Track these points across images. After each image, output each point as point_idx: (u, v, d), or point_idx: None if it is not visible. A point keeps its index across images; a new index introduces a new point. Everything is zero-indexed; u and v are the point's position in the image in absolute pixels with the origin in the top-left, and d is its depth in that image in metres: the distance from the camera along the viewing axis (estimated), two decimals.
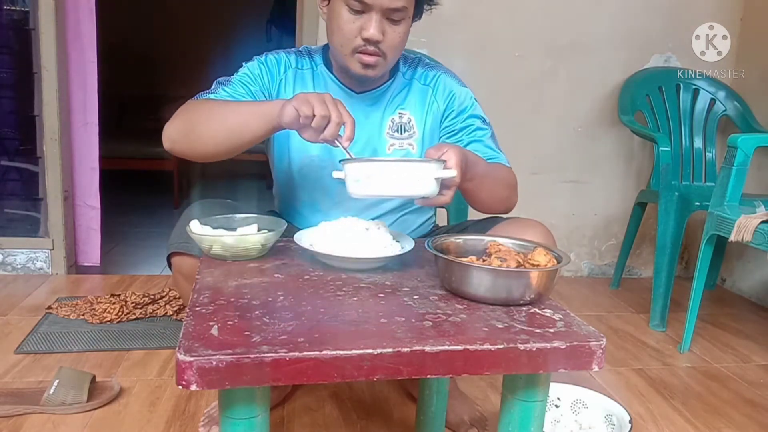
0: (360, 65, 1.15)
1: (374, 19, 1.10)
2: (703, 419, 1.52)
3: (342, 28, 1.13)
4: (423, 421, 1.22)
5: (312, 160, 1.26)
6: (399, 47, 1.17)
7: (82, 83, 2.33)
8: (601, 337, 0.74)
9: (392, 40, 1.14)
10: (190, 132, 1.10)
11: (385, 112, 1.27)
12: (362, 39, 1.12)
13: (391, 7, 1.10)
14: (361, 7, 1.10)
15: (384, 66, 1.18)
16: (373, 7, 1.09)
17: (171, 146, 1.13)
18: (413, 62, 1.32)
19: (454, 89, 1.30)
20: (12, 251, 2.28)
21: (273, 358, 0.64)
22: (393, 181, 0.92)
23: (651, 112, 2.41)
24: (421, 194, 0.94)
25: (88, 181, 2.40)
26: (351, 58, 1.15)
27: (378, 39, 1.11)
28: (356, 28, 1.12)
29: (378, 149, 1.26)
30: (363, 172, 0.93)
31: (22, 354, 1.63)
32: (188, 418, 1.37)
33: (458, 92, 1.30)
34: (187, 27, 5.05)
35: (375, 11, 1.10)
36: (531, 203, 2.39)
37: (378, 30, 1.11)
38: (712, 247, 1.83)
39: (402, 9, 1.11)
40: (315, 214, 1.29)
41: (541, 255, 0.88)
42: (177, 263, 1.11)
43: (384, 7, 1.10)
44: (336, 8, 1.13)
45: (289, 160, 1.29)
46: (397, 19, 1.13)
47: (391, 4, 1.10)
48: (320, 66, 1.28)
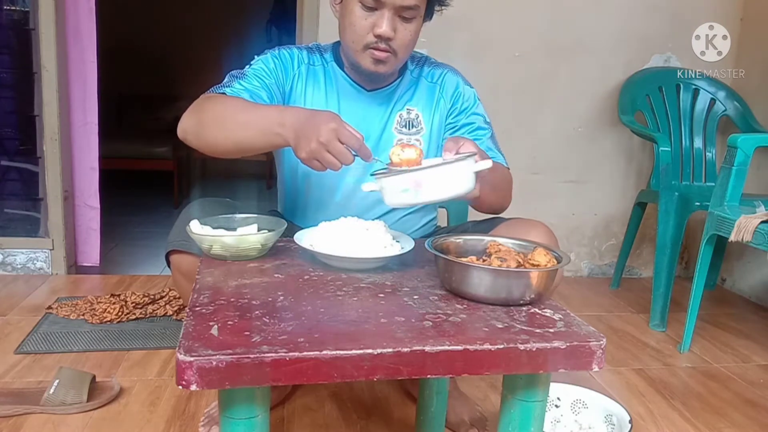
0: (371, 61, 1.17)
1: (386, 17, 1.12)
2: (703, 419, 1.52)
3: (354, 24, 1.14)
4: (423, 421, 1.22)
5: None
6: (409, 45, 1.19)
7: (82, 83, 2.33)
8: (601, 337, 0.74)
9: (403, 38, 1.16)
10: (200, 133, 1.11)
11: (394, 108, 1.29)
12: (374, 36, 1.14)
13: (403, 5, 1.12)
14: (374, 4, 1.12)
15: (394, 63, 1.19)
16: (385, 4, 1.11)
17: (183, 138, 1.14)
18: (420, 61, 1.35)
19: (460, 87, 1.33)
20: (12, 251, 2.28)
21: (273, 358, 0.64)
22: (442, 185, 0.91)
23: (651, 112, 2.41)
24: (465, 191, 0.93)
25: (88, 181, 2.40)
26: (362, 54, 1.17)
27: (389, 36, 1.13)
28: (368, 24, 1.13)
29: (386, 144, 1.27)
30: (411, 181, 0.91)
31: (22, 354, 1.63)
32: (188, 418, 1.37)
33: (464, 90, 1.33)
34: (187, 27, 5.05)
35: (387, 9, 1.12)
36: (531, 203, 2.40)
37: (390, 27, 1.12)
38: (712, 247, 1.83)
39: (414, 7, 1.13)
40: (320, 213, 1.29)
41: (541, 255, 0.88)
42: (176, 261, 1.11)
43: (396, 5, 1.11)
44: (349, 5, 1.15)
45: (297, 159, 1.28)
46: (408, 17, 1.15)
47: (404, 2, 1.11)
48: (331, 63, 1.29)
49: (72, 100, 2.33)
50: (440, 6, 1.23)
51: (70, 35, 2.28)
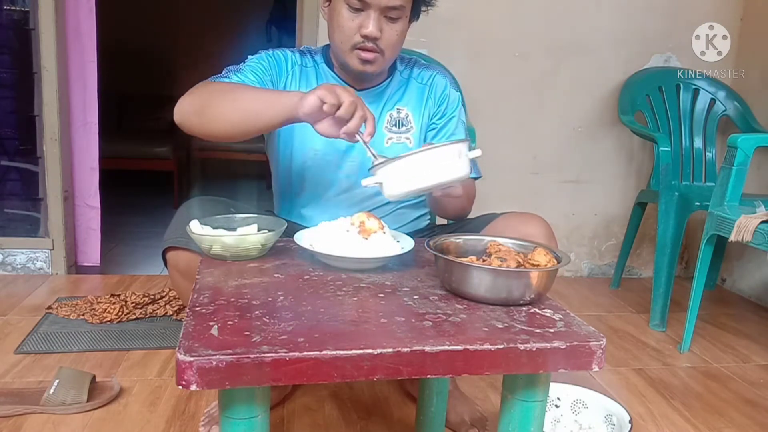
0: (359, 61, 1.19)
1: (372, 17, 1.15)
2: (703, 419, 1.52)
3: (342, 25, 1.17)
4: (423, 421, 1.22)
5: (316, 154, 1.28)
6: (396, 45, 1.21)
7: (82, 83, 2.33)
8: (601, 337, 0.74)
9: (390, 38, 1.18)
10: (203, 110, 1.10)
11: (384, 108, 1.31)
12: (361, 36, 1.16)
13: (389, 5, 1.15)
14: (360, 5, 1.14)
15: (382, 63, 1.21)
16: (371, 5, 1.14)
17: (181, 120, 1.13)
18: (410, 62, 1.37)
19: (447, 91, 1.35)
20: (12, 251, 2.28)
21: (273, 358, 0.64)
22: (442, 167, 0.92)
23: (651, 112, 2.41)
24: (463, 175, 0.94)
25: (88, 181, 2.40)
26: (350, 54, 1.19)
27: (376, 36, 1.16)
28: (355, 25, 1.16)
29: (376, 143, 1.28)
30: (414, 166, 0.91)
31: (22, 354, 1.63)
32: (188, 418, 1.37)
33: (450, 95, 1.35)
34: (187, 27, 5.05)
35: (373, 9, 1.14)
36: (531, 203, 2.40)
37: (376, 27, 1.15)
38: (712, 247, 1.83)
39: (399, 8, 1.16)
40: (315, 209, 1.31)
41: (541, 255, 0.88)
42: (173, 259, 1.11)
43: (382, 5, 1.14)
44: (336, 7, 1.18)
45: (291, 154, 1.30)
46: (394, 17, 1.17)
47: (389, 2, 1.14)
48: (322, 65, 1.31)
49: (72, 100, 2.32)
50: (426, 6, 1.25)
51: (70, 35, 2.27)
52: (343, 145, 1.24)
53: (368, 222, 0.97)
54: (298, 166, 1.30)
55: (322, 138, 1.18)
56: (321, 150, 1.28)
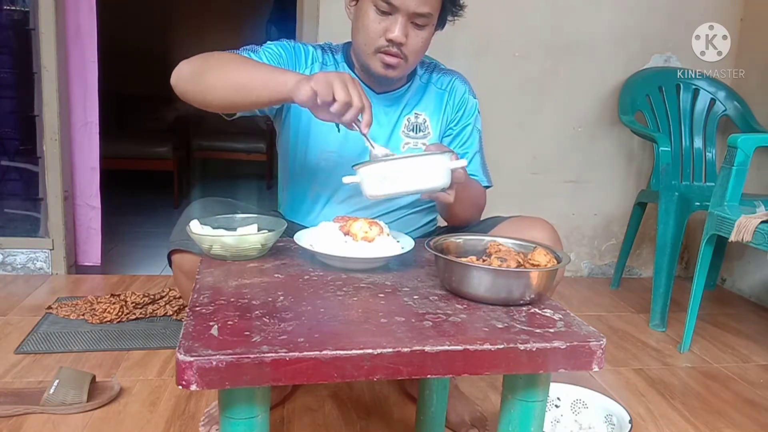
0: (381, 65, 1.17)
1: (399, 22, 1.13)
2: (703, 419, 1.52)
3: (368, 27, 1.15)
4: (423, 421, 1.22)
5: (330, 156, 1.27)
6: (420, 52, 1.19)
7: (82, 83, 2.33)
8: (601, 337, 0.74)
9: (414, 44, 1.16)
10: (200, 75, 1.09)
11: (402, 112, 1.30)
12: (386, 40, 1.14)
13: (417, 11, 1.13)
14: (388, 9, 1.12)
15: (404, 68, 1.20)
16: (399, 9, 1.12)
17: (176, 83, 1.12)
18: (429, 67, 1.36)
19: (466, 97, 1.34)
20: (12, 251, 2.28)
21: (273, 358, 0.64)
22: (419, 175, 0.94)
23: (651, 112, 2.41)
24: (441, 186, 0.96)
25: (88, 181, 2.40)
26: (373, 58, 1.17)
27: (401, 41, 1.14)
28: (381, 28, 1.14)
29: (393, 147, 1.28)
30: (393, 171, 0.93)
31: (22, 354, 1.63)
32: (188, 418, 1.37)
33: (468, 102, 1.34)
34: (187, 27, 5.05)
35: (401, 14, 1.12)
36: (531, 203, 2.41)
37: (402, 32, 1.13)
38: (712, 247, 1.83)
39: (427, 15, 1.15)
40: (324, 209, 1.31)
41: (541, 255, 0.88)
42: (177, 261, 1.11)
43: (410, 11, 1.12)
44: (364, 7, 1.15)
45: (306, 153, 1.29)
46: (421, 24, 1.16)
47: (418, 8, 1.12)
48: (342, 64, 1.29)
49: (72, 100, 2.33)
50: (453, 17, 1.25)
51: (71, 35, 2.27)
52: (357, 149, 1.24)
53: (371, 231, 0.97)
54: (311, 166, 1.29)
55: (338, 140, 1.20)
56: (335, 152, 1.26)
